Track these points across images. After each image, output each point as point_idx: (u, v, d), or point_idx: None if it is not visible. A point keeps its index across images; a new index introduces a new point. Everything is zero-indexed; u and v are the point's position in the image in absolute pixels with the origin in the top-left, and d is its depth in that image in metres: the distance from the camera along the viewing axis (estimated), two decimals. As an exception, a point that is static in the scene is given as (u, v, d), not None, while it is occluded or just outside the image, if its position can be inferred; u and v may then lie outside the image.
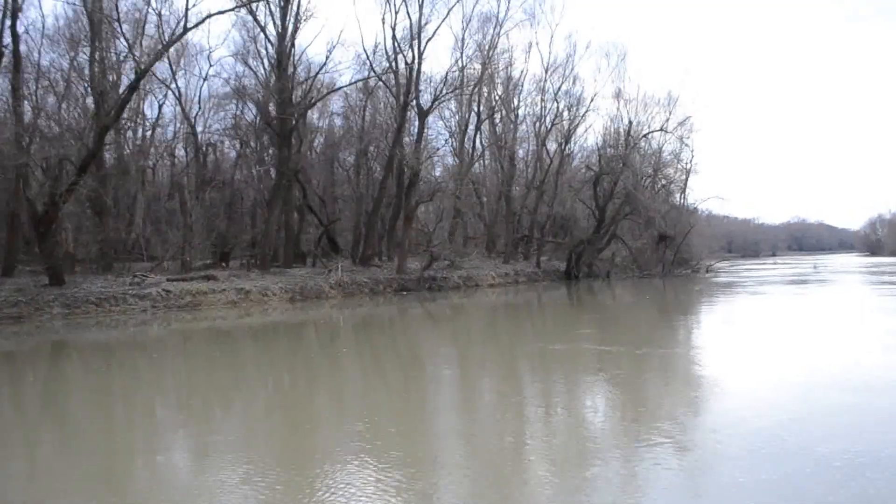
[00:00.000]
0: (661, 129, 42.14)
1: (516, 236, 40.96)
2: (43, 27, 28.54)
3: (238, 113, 34.85)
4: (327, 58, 31.06)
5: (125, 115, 28.54)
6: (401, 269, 32.46)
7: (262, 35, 30.50)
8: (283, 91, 28.58)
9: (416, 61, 31.44)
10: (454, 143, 38.70)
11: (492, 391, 10.45)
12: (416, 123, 33.10)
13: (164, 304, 23.57)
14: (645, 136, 42.27)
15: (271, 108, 30.36)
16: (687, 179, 59.43)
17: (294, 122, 29.90)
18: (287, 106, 29.18)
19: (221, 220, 35.12)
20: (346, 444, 7.18)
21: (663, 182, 62.19)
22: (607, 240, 40.42)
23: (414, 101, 32.17)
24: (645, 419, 7.92)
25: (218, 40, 54.52)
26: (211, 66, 33.60)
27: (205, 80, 36.09)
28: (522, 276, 38.34)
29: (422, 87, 33.67)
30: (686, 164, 58.65)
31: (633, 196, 38.34)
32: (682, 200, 64.59)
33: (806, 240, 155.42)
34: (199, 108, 36.55)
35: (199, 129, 36.63)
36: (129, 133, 37.36)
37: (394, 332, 19.73)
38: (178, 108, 35.71)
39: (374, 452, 6.65)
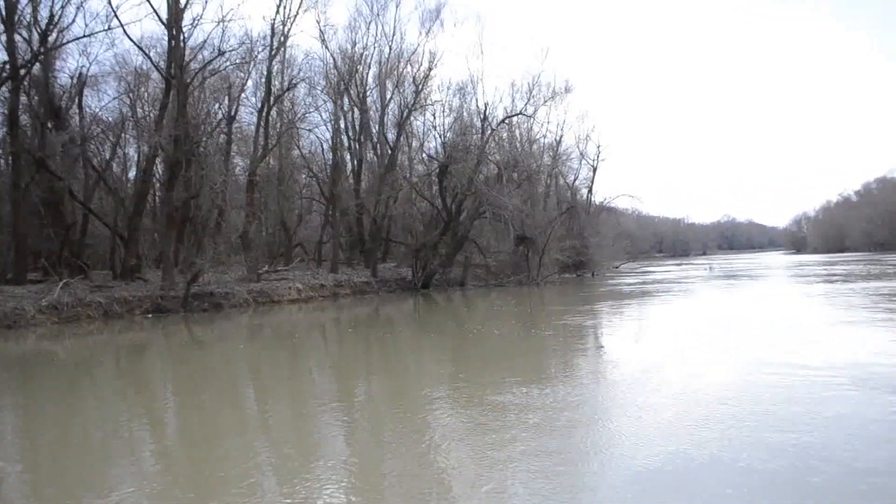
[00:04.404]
0: (521, 113, 36.33)
1: (346, 239, 34.66)
2: None
3: None
4: (59, 14, 24.01)
5: None
6: (166, 284, 25.86)
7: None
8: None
9: (175, 18, 24.77)
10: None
11: None
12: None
13: None
14: (503, 121, 36.40)
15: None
16: (594, 177, 55.07)
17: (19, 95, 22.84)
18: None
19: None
20: None
21: (567, 179, 57.59)
22: (457, 243, 34.36)
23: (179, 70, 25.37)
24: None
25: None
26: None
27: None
28: (348, 287, 32.03)
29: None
30: (592, 160, 54.31)
31: (481, 192, 32.43)
32: (588, 198, 60.16)
33: (736, 238, 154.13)
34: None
35: None
36: None
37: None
38: None
39: None
